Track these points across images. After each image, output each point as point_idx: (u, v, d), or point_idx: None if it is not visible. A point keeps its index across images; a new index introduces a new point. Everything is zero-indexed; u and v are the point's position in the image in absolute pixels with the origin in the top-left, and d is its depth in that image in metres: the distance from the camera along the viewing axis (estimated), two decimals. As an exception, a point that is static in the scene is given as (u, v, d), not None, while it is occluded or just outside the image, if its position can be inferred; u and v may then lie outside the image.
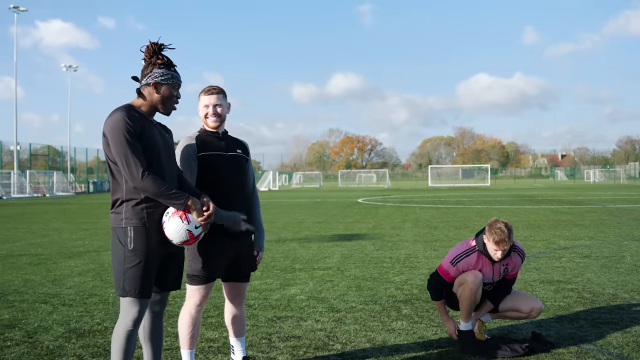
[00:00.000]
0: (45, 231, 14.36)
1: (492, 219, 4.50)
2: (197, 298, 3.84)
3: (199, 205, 3.23)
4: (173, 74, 3.31)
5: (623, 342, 4.62)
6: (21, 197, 41.40)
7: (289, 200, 31.40)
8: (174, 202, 3.17)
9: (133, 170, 3.09)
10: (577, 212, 19.13)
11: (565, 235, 12.01)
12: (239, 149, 3.97)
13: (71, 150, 59.56)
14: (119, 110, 3.18)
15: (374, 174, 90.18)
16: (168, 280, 3.44)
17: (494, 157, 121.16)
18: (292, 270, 8.10)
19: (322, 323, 5.31)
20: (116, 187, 3.23)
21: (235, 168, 3.89)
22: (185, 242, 3.25)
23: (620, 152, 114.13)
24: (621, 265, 8.15)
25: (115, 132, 3.10)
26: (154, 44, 3.30)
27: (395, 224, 15.25)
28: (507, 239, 4.33)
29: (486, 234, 4.45)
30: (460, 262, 4.59)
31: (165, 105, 3.33)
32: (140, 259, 3.18)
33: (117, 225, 3.22)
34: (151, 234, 3.21)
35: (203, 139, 3.85)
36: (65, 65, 62.67)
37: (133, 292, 3.18)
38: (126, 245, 3.18)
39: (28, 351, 4.54)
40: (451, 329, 4.73)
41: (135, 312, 3.22)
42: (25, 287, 7.05)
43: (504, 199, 30.00)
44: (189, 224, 3.19)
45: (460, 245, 4.74)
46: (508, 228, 4.37)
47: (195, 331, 3.91)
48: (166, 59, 3.31)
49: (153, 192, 3.12)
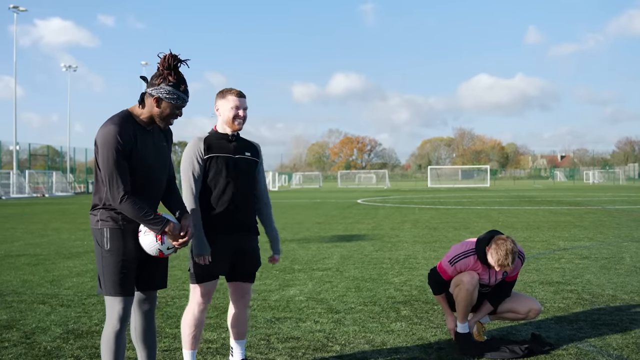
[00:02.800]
0: (44, 231, 14.35)
1: (501, 238, 4.37)
2: (199, 296, 3.82)
3: (177, 231, 3.25)
4: (180, 95, 3.24)
5: (622, 343, 4.61)
6: (20, 197, 41.37)
7: (289, 201, 31.38)
8: (152, 227, 3.19)
9: (114, 192, 3.12)
10: (576, 213, 19.12)
11: (564, 237, 12.00)
12: (247, 152, 3.94)
13: (70, 150, 59.61)
14: (112, 124, 3.14)
15: (373, 175, 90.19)
16: (153, 279, 3.46)
17: (493, 158, 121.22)
18: (291, 271, 8.08)
19: (321, 324, 5.30)
20: (98, 190, 3.26)
21: (241, 171, 3.87)
22: (154, 257, 3.32)
23: (619, 153, 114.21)
24: (620, 267, 8.14)
25: (105, 147, 3.11)
26: (173, 57, 3.22)
27: (395, 225, 15.24)
28: (511, 263, 4.30)
29: (491, 250, 4.36)
30: (459, 262, 4.57)
31: (163, 121, 3.30)
32: (117, 258, 3.22)
33: (94, 227, 3.28)
34: (127, 235, 3.25)
35: (212, 141, 3.84)
36: (65, 65, 62.68)
37: (112, 291, 3.23)
38: (103, 245, 3.23)
39: (25, 352, 4.53)
40: (451, 324, 4.73)
41: (119, 310, 3.24)
42: (23, 288, 7.03)
43: (504, 199, 30.00)
44: (162, 244, 3.24)
45: (461, 245, 4.72)
46: (513, 253, 4.29)
47: (197, 331, 3.90)
48: (177, 79, 3.23)
49: (131, 215, 3.16)
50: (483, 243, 4.49)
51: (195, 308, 3.85)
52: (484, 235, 4.55)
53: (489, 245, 4.41)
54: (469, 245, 4.61)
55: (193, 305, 3.86)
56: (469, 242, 4.68)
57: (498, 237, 4.42)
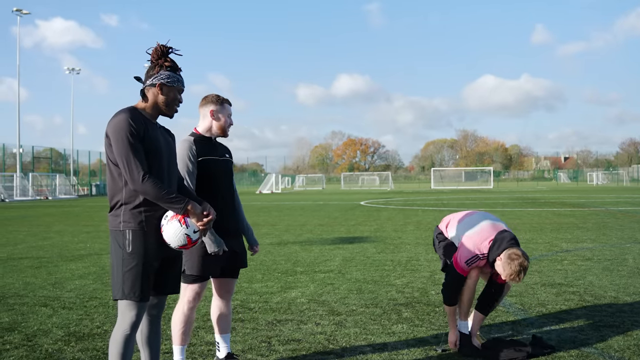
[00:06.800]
0: (47, 234, 14.38)
1: (515, 253, 4.27)
2: (191, 296, 3.97)
3: (199, 210, 3.23)
4: (178, 77, 3.34)
5: (624, 345, 4.59)
6: (24, 200, 41.48)
7: (292, 203, 31.40)
8: (174, 206, 3.16)
9: (134, 173, 3.09)
10: (579, 214, 19.09)
11: (567, 238, 11.98)
12: (227, 154, 4.19)
13: (74, 152, 59.75)
14: (122, 112, 3.19)
15: (376, 177, 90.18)
16: (167, 284, 3.43)
17: (496, 160, 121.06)
18: (293, 273, 8.08)
19: (322, 326, 5.30)
20: (116, 189, 3.23)
21: (226, 171, 4.11)
22: (183, 247, 3.24)
23: (623, 154, 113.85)
24: (623, 268, 8.12)
25: (118, 133, 3.11)
26: (163, 46, 3.32)
27: (398, 227, 15.23)
28: (521, 280, 4.27)
29: (503, 263, 4.28)
30: (474, 264, 4.52)
31: (169, 107, 3.34)
32: (138, 261, 3.17)
33: (115, 229, 3.22)
34: (149, 237, 3.21)
35: (201, 144, 4.02)
36: (68, 67, 62.75)
37: (132, 295, 3.17)
38: (124, 248, 3.18)
39: (27, 354, 4.53)
40: (453, 338, 4.64)
41: (133, 316, 3.21)
42: (25, 290, 7.05)
43: (507, 201, 29.96)
44: (187, 228, 3.19)
45: (472, 243, 4.52)
46: (525, 270, 4.24)
47: (187, 328, 4.03)
48: (173, 63, 3.34)
49: (153, 195, 3.12)
50: (497, 250, 4.38)
51: (185, 306, 3.98)
52: (501, 243, 4.39)
53: (501, 255, 4.33)
54: (483, 246, 4.46)
55: (183, 304, 3.99)
56: (483, 245, 4.50)
57: (513, 251, 4.29)
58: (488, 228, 4.57)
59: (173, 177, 3.40)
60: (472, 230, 4.63)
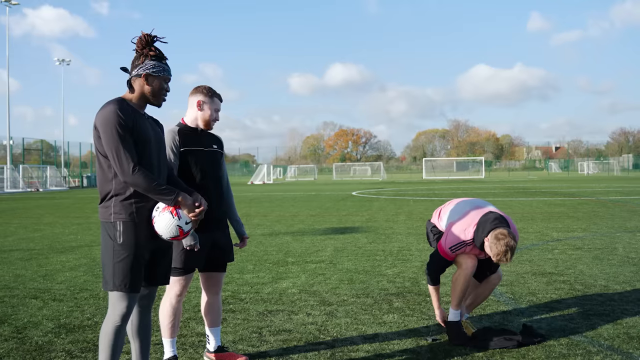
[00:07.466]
0: (37, 226, 14.30)
1: (502, 233, 4.27)
2: (177, 288, 3.97)
3: (190, 201, 3.22)
4: (164, 66, 3.30)
5: (614, 333, 4.62)
6: (14, 192, 41.22)
7: (283, 194, 31.37)
8: (164, 198, 3.15)
9: (124, 165, 3.07)
10: (570, 204, 19.18)
11: (558, 227, 12.03)
12: (215, 145, 4.12)
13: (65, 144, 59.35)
14: (110, 103, 3.16)
15: (368, 167, 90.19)
16: (157, 275, 3.42)
17: (488, 150, 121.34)
18: (284, 264, 8.08)
19: (313, 317, 5.30)
20: (105, 181, 3.21)
21: (212, 163, 4.05)
22: (175, 238, 3.23)
23: (613, 144, 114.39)
24: (613, 257, 8.16)
25: (107, 125, 3.09)
26: (147, 35, 3.29)
27: (389, 217, 15.25)
28: (509, 260, 4.28)
29: (490, 243, 4.30)
30: (459, 250, 4.53)
31: (156, 97, 3.32)
32: (129, 252, 3.16)
33: (106, 220, 3.20)
34: (140, 229, 3.19)
35: (185, 134, 3.99)
36: (59, 59, 62.36)
37: (122, 287, 3.16)
38: (115, 239, 3.16)
39: (17, 347, 4.51)
40: (440, 315, 4.76)
41: (124, 307, 3.20)
42: (15, 283, 7.01)
43: (498, 191, 30.06)
44: (179, 219, 3.18)
45: (458, 230, 4.55)
46: (512, 250, 4.25)
47: (176, 320, 4.04)
48: (158, 51, 3.30)
49: (143, 187, 3.11)
50: (482, 233, 4.40)
51: (173, 299, 3.99)
52: (485, 225, 4.41)
53: (488, 237, 4.35)
54: (467, 235, 4.49)
55: (171, 297, 3.99)
56: (469, 230, 4.51)
57: (499, 231, 4.30)
58: (472, 213, 4.62)
59: (163, 167, 3.38)
60: (457, 216, 4.69)
